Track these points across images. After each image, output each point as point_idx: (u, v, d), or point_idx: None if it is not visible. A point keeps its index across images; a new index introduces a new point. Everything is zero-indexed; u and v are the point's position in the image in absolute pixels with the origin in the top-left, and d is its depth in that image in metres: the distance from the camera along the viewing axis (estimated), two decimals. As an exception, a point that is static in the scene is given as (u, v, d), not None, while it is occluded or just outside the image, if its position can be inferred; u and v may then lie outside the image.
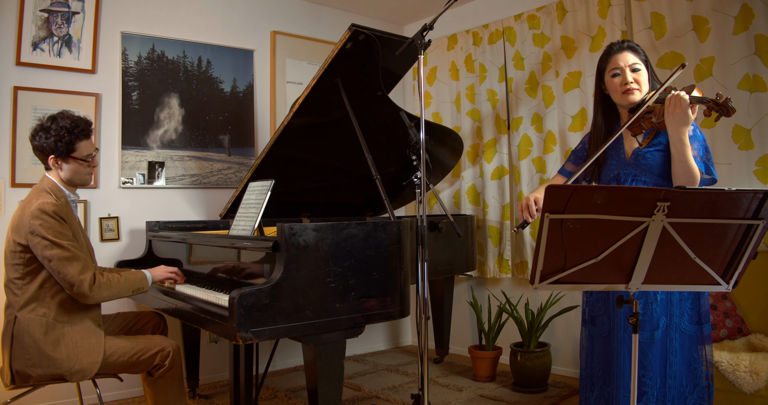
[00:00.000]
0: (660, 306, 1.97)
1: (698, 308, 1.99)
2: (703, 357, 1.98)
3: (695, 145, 1.95)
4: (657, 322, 1.96)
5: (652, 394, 1.95)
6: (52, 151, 2.19)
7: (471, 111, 4.07)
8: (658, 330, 1.96)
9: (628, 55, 2.04)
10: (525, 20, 3.74)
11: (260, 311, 1.95)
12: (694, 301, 1.99)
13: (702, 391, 1.97)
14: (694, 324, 1.98)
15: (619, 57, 2.05)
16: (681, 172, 1.92)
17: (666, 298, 1.96)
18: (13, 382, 2.09)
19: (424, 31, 2.18)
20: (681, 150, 1.90)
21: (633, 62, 2.03)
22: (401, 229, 2.34)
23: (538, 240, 1.46)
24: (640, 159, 2.03)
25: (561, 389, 3.32)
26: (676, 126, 1.88)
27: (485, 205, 3.93)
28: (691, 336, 1.97)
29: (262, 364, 3.20)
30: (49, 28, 3.13)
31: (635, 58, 2.04)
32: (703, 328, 1.99)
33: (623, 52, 2.05)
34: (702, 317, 1.99)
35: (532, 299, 3.66)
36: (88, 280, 2.10)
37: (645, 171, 2.02)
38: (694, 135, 1.97)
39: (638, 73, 2.03)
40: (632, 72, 2.03)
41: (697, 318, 1.99)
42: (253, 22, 3.91)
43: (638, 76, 2.03)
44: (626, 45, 2.07)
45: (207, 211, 3.66)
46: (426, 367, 2.21)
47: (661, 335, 1.96)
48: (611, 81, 2.07)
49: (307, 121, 2.84)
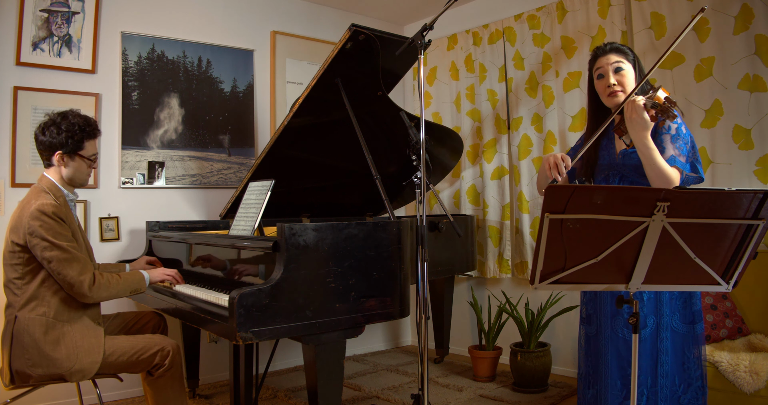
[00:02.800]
0: (648, 305, 1.98)
1: (690, 307, 1.99)
2: (696, 356, 1.98)
3: (678, 144, 1.95)
4: (644, 321, 1.98)
5: (642, 392, 1.96)
6: (61, 147, 2.20)
7: (471, 111, 4.07)
8: (646, 328, 1.98)
9: (612, 56, 2.06)
10: (525, 20, 3.74)
11: (260, 311, 1.95)
12: (685, 300, 1.99)
13: (696, 391, 1.97)
14: (686, 323, 1.98)
15: (602, 59, 2.08)
16: (653, 175, 1.93)
17: (654, 297, 1.97)
18: (13, 382, 2.09)
19: (424, 31, 2.18)
20: (646, 154, 1.92)
21: (615, 61, 2.04)
22: (401, 229, 2.34)
23: (538, 240, 1.46)
24: (627, 159, 2.04)
25: (561, 389, 3.32)
26: (635, 131, 1.91)
27: (485, 205, 3.93)
28: (683, 335, 1.98)
29: (262, 364, 3.20)
30: (49, 28, 3.13)
31: (619, 57, 2.05)
32: (695, 328, 1.99)
33: (607, 54, 2.07)
34: (695, 316, 1.99)
35: (532, 299, 3.66)
36: (87, 281, 2.11)
37: (631, 171, 2.04)
38: (677, 134, 1.97)
39: (621, 73, 2.04)
40: (615, 73, 2.04)
41: (690, 317, 1.99)
42: (253, 22, 3.91)
43: (621, 77, 2.04)
44: (609, 47, 2.09)
45: (207, 211, 3.66)
46: (426, 367, 2.21)
47: (650, 334, 1.98)
48: (597, 83, 2.11)
49: (307, 121, 2.84)
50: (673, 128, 1.96)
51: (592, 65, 2.13)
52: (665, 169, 1.91)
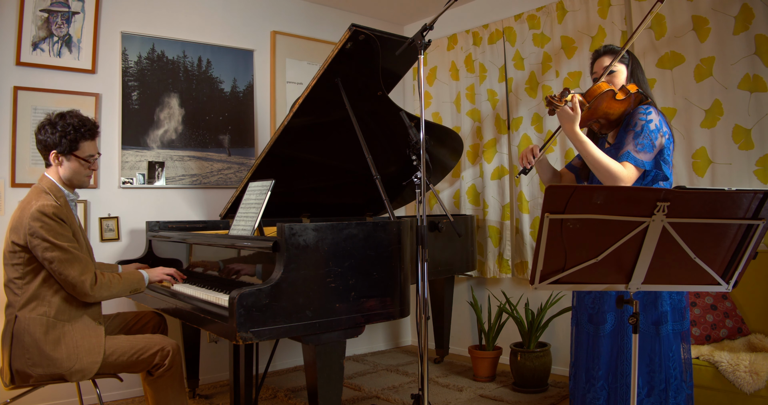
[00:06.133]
0: (608, 301, 2.02)
1: (657, 308, 1.97)
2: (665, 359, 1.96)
3: (639, 140, 1.95)
4: (604, 317, 2.03)
5: (603, 387, 2.00)
6: (56, 146, 2.20)
7: (471, 111, 4.07)
8: (606, 324, 2.02)
9: (606, 59, 2.12)
10: (525, 20, 3.74)
11: (260, 311, 1.95)
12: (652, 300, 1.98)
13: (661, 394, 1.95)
14: (651, 324, 1.97)
15: (597, 62, 2.15)
16: (592, 169, 1.98)
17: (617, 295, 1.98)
18: (13, 382, 2.09)
19: (424, 31, 2.19)
20: (578, 147, 1.99)
21: (605, 66, 2.09)
22: (401, 229, 2.34)
23: (538, 240, 1.46)
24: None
25: (561, 389, 3.32)
26: (562, 125, 2.01)
27: (485, 205, 3.93)
28: (649, 336, 1.97)
29: (262, 364, 3.20)
30: (49, 28, 3.13)
31: (611, 60, 2.09)
32: (661, 329, 1.97)
33: (600, 57, 2.14)
34: (662, 317, 1.97)
35: (532, 299, 3.66)
36: (89, 281, 2.12)
37: None
38: (641, 130, 1.96)
39: (613, 75, 2.09)
40: (608, 75, 2.09)
41: (656, 318, 1.97)
42: (253, 22, 3.91)
43: (613, 78, 2.09)
44: (603, 50, 2.14)
45: (207, 211, 3.66)
46: (426, 367, 2.22)
47: (610, 331, 2.02)
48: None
49: (307, 121, 2.84)
50: (639, 125, 1.98)
51: (591, 68, 2.20)
52: (603, 162, 1.93)
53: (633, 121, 2.00)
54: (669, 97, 3.06)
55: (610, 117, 2.05)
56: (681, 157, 3.00)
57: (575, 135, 1.97)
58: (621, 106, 2.02)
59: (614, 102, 2.01)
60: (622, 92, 2.01)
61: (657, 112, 2.00)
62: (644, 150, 1.94)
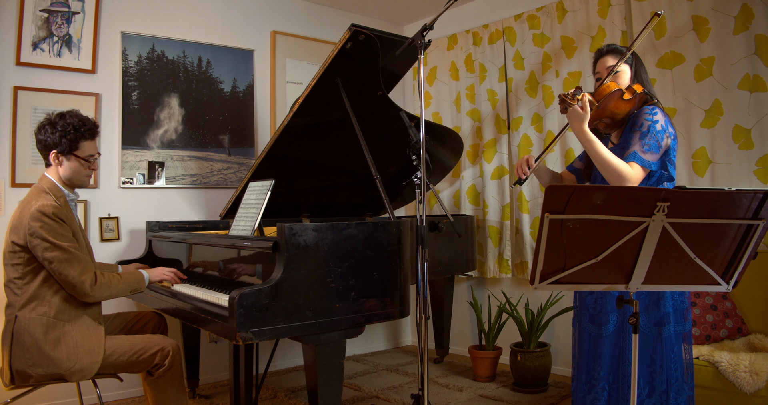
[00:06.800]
0: (610, 302, 2.01)
1: (660, 308, 1.97)
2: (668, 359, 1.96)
3: (645, 141, 1.95)
4: (607, 317, 2.02)
5: (603, 387, 1.99)
6: (55, 146, 2.20)
7: (471, 111, 4.07)
8: (608, 325, 2.01)
9: (608, 59, 2.11)
10: (525, 20, 3.73)
11: (260, 311, 1.95)
12: (655, 301, 1.98)
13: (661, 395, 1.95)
14: (653, 325, 1.97)
15: (600, 62, 2.14)
16: (599, 168, 1.98)
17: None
18: (13, 382, 2.09)
19: (424, 31, 2.19)
20: (586, 146, 1.98)
21: (609, 66, 2.09)
22: (401, 229, 2.34)
23: (538, 240, 1.46)
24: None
25: (561, 389, 3.32)
26: (571, 124, 1.99)
27: (485, 205, 3.93)
28: (651, 337, 1.97)
29: (262, 364, 3.20)
30: (49, 28, 3.13)
31: (615, 60, 2.09)
32: (663, 330, 1.97)
33: (603, 56, 2.13)
34: (664, 318, 1.97)
35: (532, 299, 3.66)
36: (89, 281, 2.12)
37: None
38: (648, 131, 1.96)
39: (617, 75, 2.09)
40: (612, 76, 2.08)
41: (659, 319, 1.97)
42: (253, 22, 3.91)
43: (617, 79, 2.09)
44: (606, 50, 2.13)
45: (207, 211, 3.66)
46: (426, 367, 2.22)
47: (612, 332, 2.01)
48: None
49: (307, 121, 2.84)
50: (645, 125, 1.97)
51: (594, 69, 2.18)
52: (611, 162, 1.93)
53: (639, 121, 1.99)
54: (669, 97, 3.06)
55: (616, 117, 2.05)
56: (681, 157, 3.00)
57: (584, 134, 1.96)
58: (627, 106, 2.02)
59: (622, 102, 2.01)
60: (629, 92, 2.01)
61: (663, 113, 2.00)
62: (651, 150, 1.94)
